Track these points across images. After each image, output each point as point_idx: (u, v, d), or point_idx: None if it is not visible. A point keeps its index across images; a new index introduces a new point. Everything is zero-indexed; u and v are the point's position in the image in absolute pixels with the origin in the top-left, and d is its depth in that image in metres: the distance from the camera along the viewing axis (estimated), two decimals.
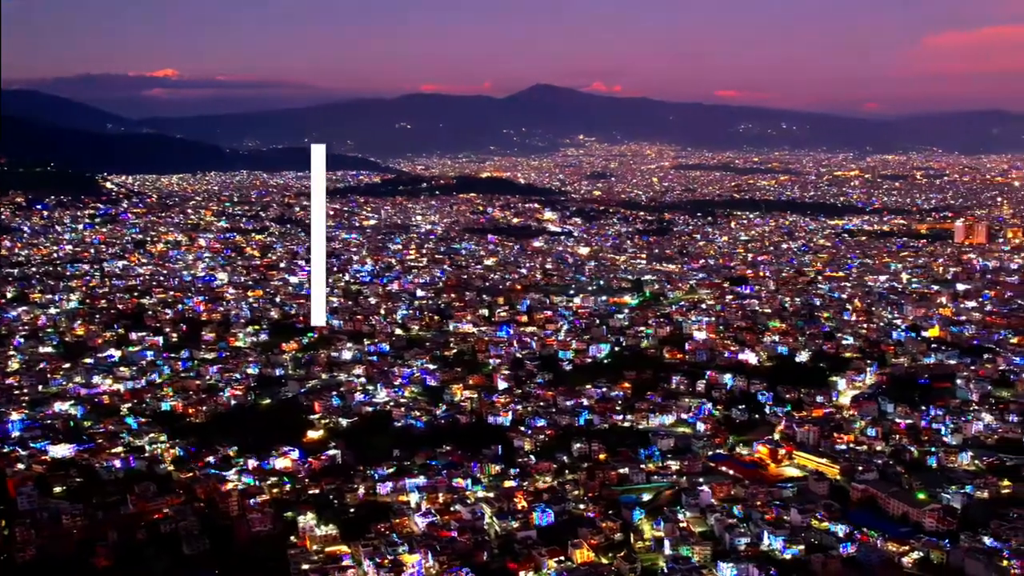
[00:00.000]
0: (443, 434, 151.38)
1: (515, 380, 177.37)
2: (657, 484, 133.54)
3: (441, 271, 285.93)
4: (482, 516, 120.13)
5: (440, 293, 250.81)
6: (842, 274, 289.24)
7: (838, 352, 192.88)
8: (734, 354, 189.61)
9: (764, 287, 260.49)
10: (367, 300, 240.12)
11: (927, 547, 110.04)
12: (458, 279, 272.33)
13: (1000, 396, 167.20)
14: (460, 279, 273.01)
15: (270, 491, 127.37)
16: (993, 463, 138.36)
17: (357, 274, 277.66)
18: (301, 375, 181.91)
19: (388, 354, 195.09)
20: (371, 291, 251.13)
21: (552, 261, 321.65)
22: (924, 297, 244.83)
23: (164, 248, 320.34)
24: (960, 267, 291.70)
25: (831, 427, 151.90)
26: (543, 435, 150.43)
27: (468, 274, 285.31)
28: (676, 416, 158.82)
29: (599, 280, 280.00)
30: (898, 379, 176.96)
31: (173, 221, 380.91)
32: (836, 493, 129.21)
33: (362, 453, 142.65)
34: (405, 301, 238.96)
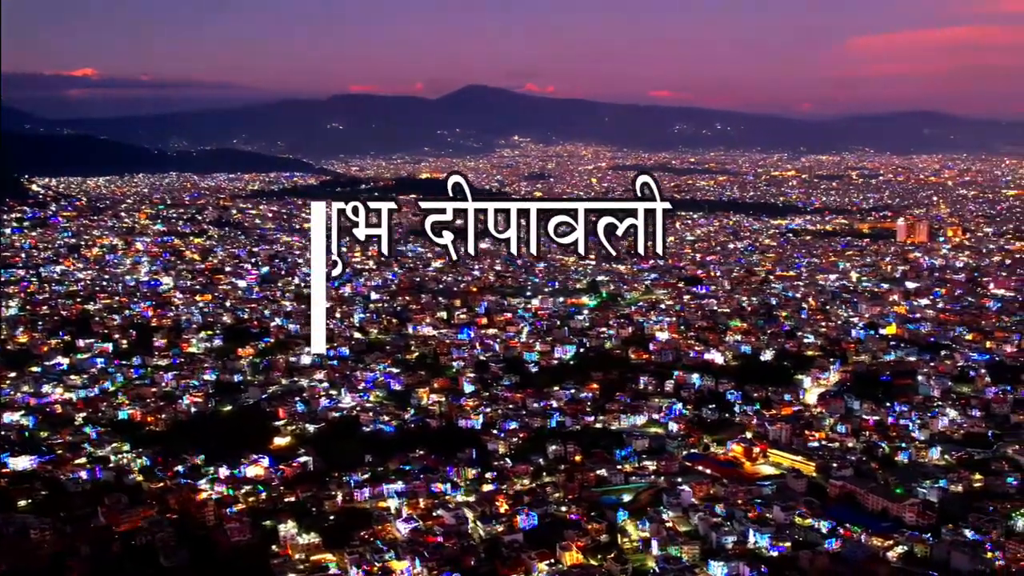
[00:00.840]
0: (414, 438, 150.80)
1: (481, 383, 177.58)
2: (636, 485, 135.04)
3: (393, 274, 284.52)
4: (466, 521, 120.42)
5: (395, 296, 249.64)
6: (793, 273, 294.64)
7: (800, 351, 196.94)
8: (699, 354, 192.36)
9: (720, 287, 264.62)
10: None
11: (910, 541, 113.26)
12: (411, 282, 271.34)
13: (961, 392, 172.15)
14: (413, 282, 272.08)
15: (246, 500, 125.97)
16: (962, 457, 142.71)
17: (307, 277, 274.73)
18: (261, 381, 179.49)
19: (348, 358, 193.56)
20: None
21: (501, 263, 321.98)
22: (876, 295, 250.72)
23: (100, 252, 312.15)
24: (908, 266, 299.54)
25: (801, 425, 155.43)
26: (516, 438, 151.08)
27: (420, 276, 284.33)
28: (647, 416, 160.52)
29: (552, 281, 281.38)
30: (861, 376, 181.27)
31: (107, 224, 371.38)
32: (814, 490, 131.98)
33: (333, 459, 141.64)
34: (360, 304, 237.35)
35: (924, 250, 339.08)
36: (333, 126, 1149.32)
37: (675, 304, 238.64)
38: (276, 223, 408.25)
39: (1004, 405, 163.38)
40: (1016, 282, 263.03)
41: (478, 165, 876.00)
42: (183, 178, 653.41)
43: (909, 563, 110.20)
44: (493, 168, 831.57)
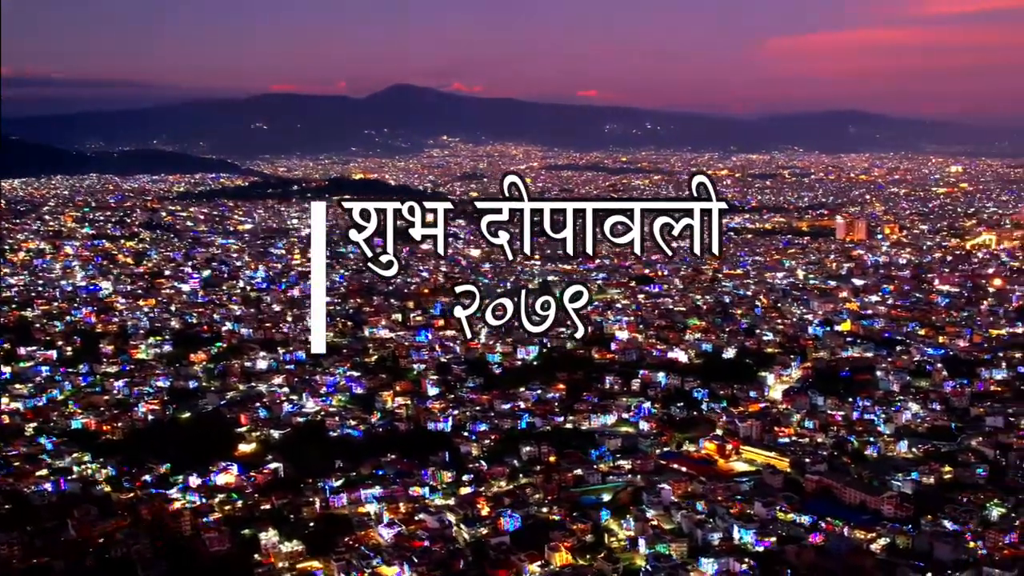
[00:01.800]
0: (383, 442, 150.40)
1: (445, 385, 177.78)
2: (613, 484, 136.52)
3: (340, 276, 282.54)
4: (450, 524, 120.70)
5: (345, 298, 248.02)
6: (740, 272, 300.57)
7: (760, 348, 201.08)
8: (663, 353, 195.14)
9: (672, 286, 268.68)
10: (271, 307, 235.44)
11: (892, 533, 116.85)
12: (360, 283, 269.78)
13: (919, 386, 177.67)
14: (362, 283, 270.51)
15: (221, 508, 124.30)
16: (928, 450, 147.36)
17: (252, 280, 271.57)
18: (218, 387, 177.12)
19: (305, 362, 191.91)
20: (273, 297, 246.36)
21: (446, 264, 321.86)
22: (826, 293, 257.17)
23: (27, 257, 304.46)
24: (853, 263, 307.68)
25: (770, 421, 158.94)
26: (488, 440, 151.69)
27: (369, 278, 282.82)
28: (617, 416, 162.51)
29: (503, 281, 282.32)
30: (822, 372, 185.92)
31: (31, 228, 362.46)
32: (790, 485, 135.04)
33: (302, 465, 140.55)
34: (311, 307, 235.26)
35: (865, 247, 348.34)
36: (257, 126, 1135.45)
37: (631, 303, 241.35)
38: (209, 225, 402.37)
39: (962, 398, 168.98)
40: (959, 278, 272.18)
41: (408, 165, 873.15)
42: (104, 179, 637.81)
43: (892, 555, 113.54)
44: (424, 168, 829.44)
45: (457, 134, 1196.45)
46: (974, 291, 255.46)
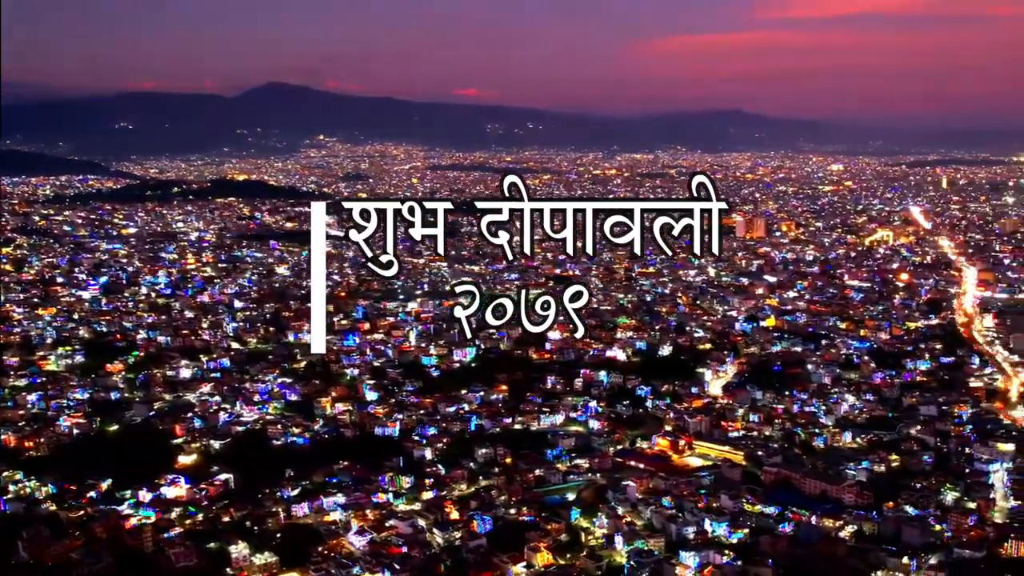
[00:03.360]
0: (331, 450, 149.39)
1: (383, 389, 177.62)
2: (575, 483, 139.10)
3: (249, 280, 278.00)
4: (423, 529, 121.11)
5: (259, 303, 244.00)
6: (652, 270, 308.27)
7: (692, 345, 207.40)
8: (601, 352, 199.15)
9: (592, 286, 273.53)
10: (183, 313, 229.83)
11: (858, 521, 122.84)
12: (271, 288, 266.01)
13: (849, 378, 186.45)
14: (274, 288, 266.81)
15: (181, 523, 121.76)
16: (872, 440, 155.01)
17: (154, 286, 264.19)
18: (142, 397, 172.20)
19: (231, 370, 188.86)
20: (182, 304, 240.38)
21: (350, 266, 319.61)
22: (742, 290, 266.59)
23: None
24: (762, 260, 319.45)
25: (716, 416, 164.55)
26: (440, 443, 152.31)
27: (278, 282, 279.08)
28: (565, 415, 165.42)
29: (421, 283, 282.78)
30: (755, 367, 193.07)
31: None
32: (748, 478, 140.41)
33: (250, 475, 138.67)
34: (226, 313, 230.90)
35: (768, 245, 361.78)
36: (122, 126, 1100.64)
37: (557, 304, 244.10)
38: (89, 230, 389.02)
39: (892, 389, 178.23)
40: (867, 273, 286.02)
41: (286, 166, 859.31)
42: None
43: (860, 541, 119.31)
44: (303, 169, 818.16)
45: (334, 134, 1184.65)
46: (883, 286, 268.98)
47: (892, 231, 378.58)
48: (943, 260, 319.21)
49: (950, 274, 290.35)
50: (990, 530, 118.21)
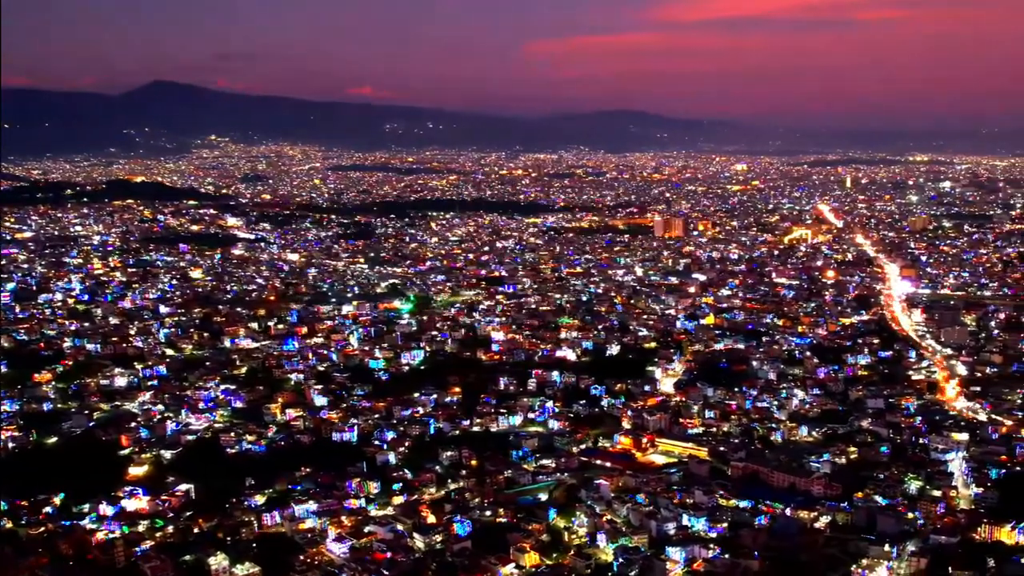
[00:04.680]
0: (290, 456, 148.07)
1: (332, 394, 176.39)
2: (545, 483, 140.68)
3: (170, 285, 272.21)
4: (404, 534, 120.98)
5: (186, 308, 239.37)
6: (579, 270, 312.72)
7: (638, 343, 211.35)
8: (550, 352, 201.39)
9: (527, 286, 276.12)
10: (107, 320, 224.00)
11: (831, 512, 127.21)
12: (195, 293, 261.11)
13: (794, 373, 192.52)
14: (197, 293, 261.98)
15: (151, 535, 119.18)
16: (827, 433, 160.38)
17: (69, 292, 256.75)
18: (77, 408, 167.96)
19: (169, 377, 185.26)
20: (104, 310, 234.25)
21: (268, 270, 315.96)
22: (675, 288, 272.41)
23: None
24: (688, 259, 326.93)
25: (673, 413, 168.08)
26: (402, 447, 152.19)
27: (200, 286, 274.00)
28: (523, 416, 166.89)
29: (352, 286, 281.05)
30: (702, 365, 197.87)
31: None
32: (716, 473, 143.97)
33: (209, 484, 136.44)
34: (153, 319, 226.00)
35: (688, 244, 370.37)
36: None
37: (496, 305, 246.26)
38: None
39: (837, 383, 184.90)
40: (793, 271, 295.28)
41: (179, 167, 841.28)
42: None
43: (836, 531, 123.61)
44: (197, 170, 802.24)
45: (227, 134, 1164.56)
46: (811, 283, 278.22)
47: (810, 230, 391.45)
48: (864, 257, 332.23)
49: (873, 271, 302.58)
50: (961, 516, 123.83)
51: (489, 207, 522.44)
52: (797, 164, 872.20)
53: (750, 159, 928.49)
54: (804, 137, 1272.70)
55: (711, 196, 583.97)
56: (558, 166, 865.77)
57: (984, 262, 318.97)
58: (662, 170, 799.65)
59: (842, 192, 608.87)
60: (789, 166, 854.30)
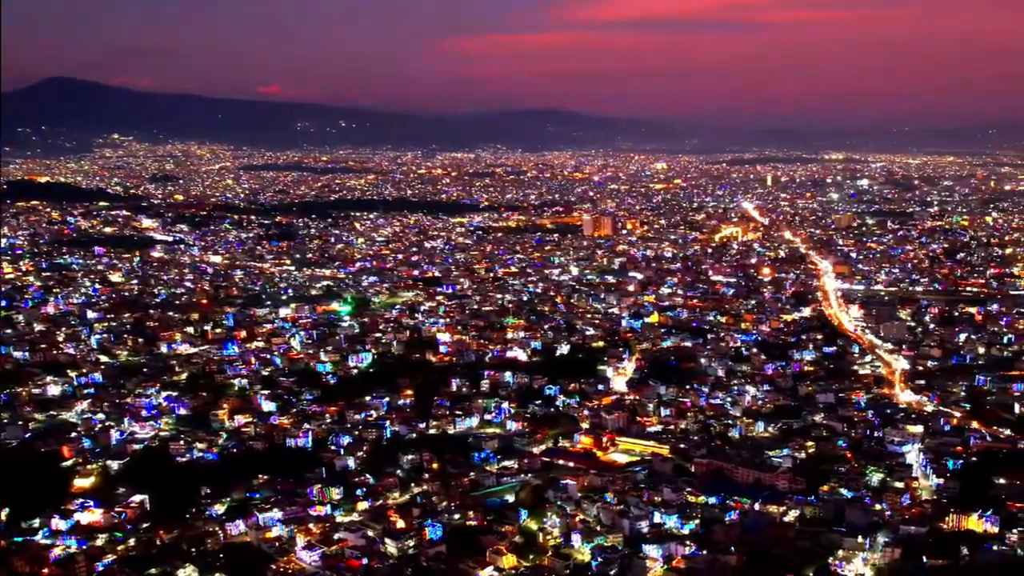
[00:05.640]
0: (244, 464, 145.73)
1: (279, 399, 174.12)
2: (511, 484, 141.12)
3: (94, 289, 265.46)
4: (376, 540, 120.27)
5: (114, 313, 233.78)
6: (514, 269, 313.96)
7: (586, 343, 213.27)
8: (501, 352, 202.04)
9: (466, 287, 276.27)
10: (31, 327, 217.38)
11: (799, 506, 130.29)
12: (123, 298, 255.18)
13: (742, 370, 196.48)
14: (124, 297, 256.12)
15: (112, 549, 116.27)
16: (782, 428, 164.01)
17: None
18: (10, 418, 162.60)
19: (106, 385, 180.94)
20: (26, 315, 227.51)
21: (192, 272, 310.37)
22: (613, 287, 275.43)
23: None
24: (624, 258, 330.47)
25: (631, 412, 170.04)
26: (360, 452, 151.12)
27: (126, 290, 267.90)
28: (479, 418, 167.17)
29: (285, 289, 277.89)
30: (652, 363, 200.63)
31: None
32: (679, 471, 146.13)
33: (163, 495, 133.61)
34: (80, 325, 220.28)
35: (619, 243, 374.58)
36: None
37: (438, 306, 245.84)
38: None
39: (785, 379, 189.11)
40: (729, 269, 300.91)
41: (81, 167, 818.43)
42: None
43: (805, 524, 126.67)
44: (102, 170, 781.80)
45: (130, 132, 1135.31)
46: (748, 281, 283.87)
47: (739, 228, 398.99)
48: (796, 254, 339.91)
49: (807, 268, 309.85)
50: (927, 507, 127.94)
51: (412, 207, 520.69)
52: (716, 163, 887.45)
53: (669, 158, 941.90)
54: (720, 136, 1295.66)
55: (635, 195, 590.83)
56: (477, 165, 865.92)
57: (912, 258, 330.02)
58: (582, 169, 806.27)
59: (764, 190, 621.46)
60: (708, 164, 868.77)
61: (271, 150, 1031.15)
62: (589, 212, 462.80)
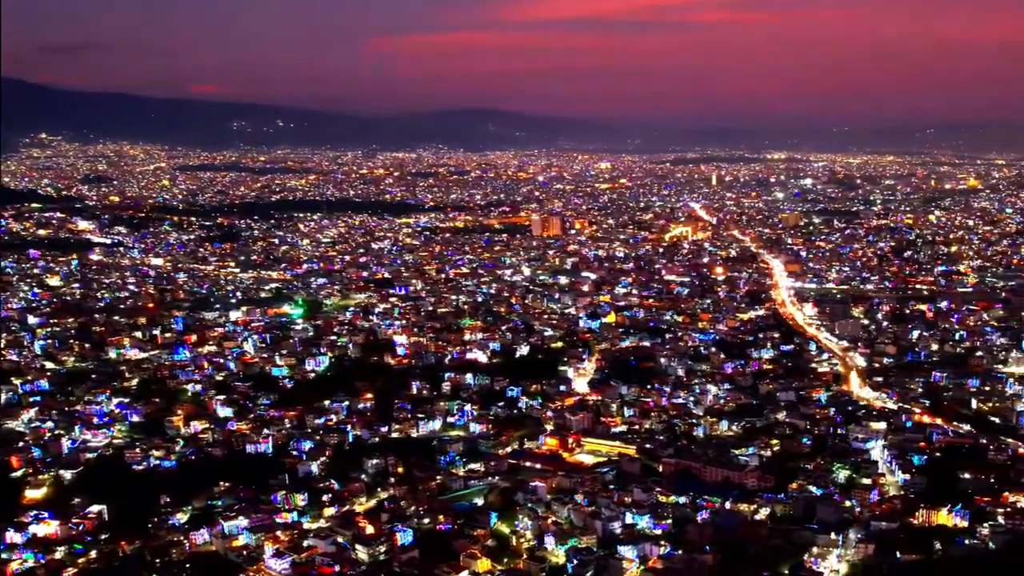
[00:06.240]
0: (204, 471, 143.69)
1: (235, 404, 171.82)
2: (478, 488, 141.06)
3: (34, 293, 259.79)
4: (346, 547, 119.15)
5: (56, 318, 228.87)
6: (467, 270, 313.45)
7: (545, 343, 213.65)
8: (461, 354, 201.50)
9: (419, 288, 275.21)
10: None
11: (770, 504, 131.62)
12: (65, 302, 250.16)
13: (702, 369, 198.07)
14: (65, 301, 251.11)
15: (74, 562, 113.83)
16: (745, 427, 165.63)
17: None
18: None
19: (53, 392, 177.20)
20: None
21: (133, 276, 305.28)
22: (567, 287, 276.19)
23: None
24: (576, 258, 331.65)
25: (595, 412, 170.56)
26: (323, 457, 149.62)
27: (69, 295, 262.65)
28: (442, 420, 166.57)
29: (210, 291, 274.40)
30: (612, 363, 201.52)
31: None
32: (647, 471, 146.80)
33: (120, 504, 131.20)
34: (21, 330, 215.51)
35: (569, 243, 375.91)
36: None
37: (392, 308, 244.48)
38: None
39: (745, 378, 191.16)
40: (682, 268, 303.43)
41: (8, 167, 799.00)
42: None
43: (776, 522, 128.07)
44: (30, 171, 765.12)
45: (59, 132, 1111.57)
46: (702, 280, 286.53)
47: (689, 227, 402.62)
48: (747, 254, 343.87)
49: (759, 267, 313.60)
50: (897, 502, 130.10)
51: (356, 207, 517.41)
52: (660, 162, 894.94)
53: (613, 157, 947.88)
54: (663, 136, 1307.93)
55: (581, 195, 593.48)
56: (419, 165, 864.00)
57: (860, 256, 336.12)
58: (526, 169, 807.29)
59: (709, 190, 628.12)
60: (652, 164, 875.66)
61: (207, 150, 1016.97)
62: (537, 212, 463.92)
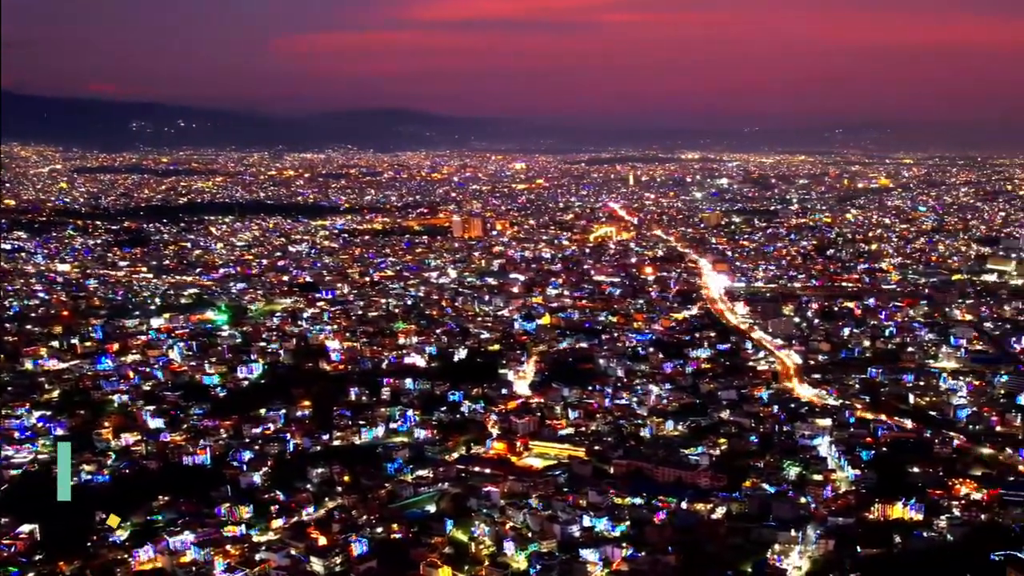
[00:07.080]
0: (140, 485, 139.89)
1: (166, 415, 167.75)
2: (429, 494, 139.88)
3: None
4: (300, 559, 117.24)
5: None
6: (391, 273, 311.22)
7: (482, 346, 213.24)
8: (398, 359, 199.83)
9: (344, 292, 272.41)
10: None
11: (726, 502, 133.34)
12: None
13: (641, 369, 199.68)
14: None
15: None
16: (691, 426, 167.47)
17: None
18: None
19: None
20: None
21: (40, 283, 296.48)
22: (496, 289, 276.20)
23: None
24: (503, 260, 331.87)
25: (540, 415, 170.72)
26: (264, 467, 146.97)
27: None
28: (385, 427, 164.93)
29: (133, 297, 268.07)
30: (551, 365, 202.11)
31: None
32: (598, 473, 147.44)
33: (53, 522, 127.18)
34: None
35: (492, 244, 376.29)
36: None
37: (321, 312, 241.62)
38: None
39: (685, 377, 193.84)
40: (612, 269, 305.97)
41: None
42: None
43: (734, 520, 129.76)
44: None
45: None
46: (632, 280, 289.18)
47: (612, 227, 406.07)
48: (673, 253, 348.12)
49: (687, 266, 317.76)
50: (851, 498, 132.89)
51: (268, 210, 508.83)
52: (575, 162, 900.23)
53: (526, 157, 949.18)
54: (575, 135, 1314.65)
55: (498, 195, 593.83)
56: (329, 166, 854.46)
57: (784, 255, 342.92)
58: (440, 169, 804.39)
59: (627, 189, 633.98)
60: (567, 164, 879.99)
61: (105, 151, 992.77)
62: (456, 213, 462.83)
